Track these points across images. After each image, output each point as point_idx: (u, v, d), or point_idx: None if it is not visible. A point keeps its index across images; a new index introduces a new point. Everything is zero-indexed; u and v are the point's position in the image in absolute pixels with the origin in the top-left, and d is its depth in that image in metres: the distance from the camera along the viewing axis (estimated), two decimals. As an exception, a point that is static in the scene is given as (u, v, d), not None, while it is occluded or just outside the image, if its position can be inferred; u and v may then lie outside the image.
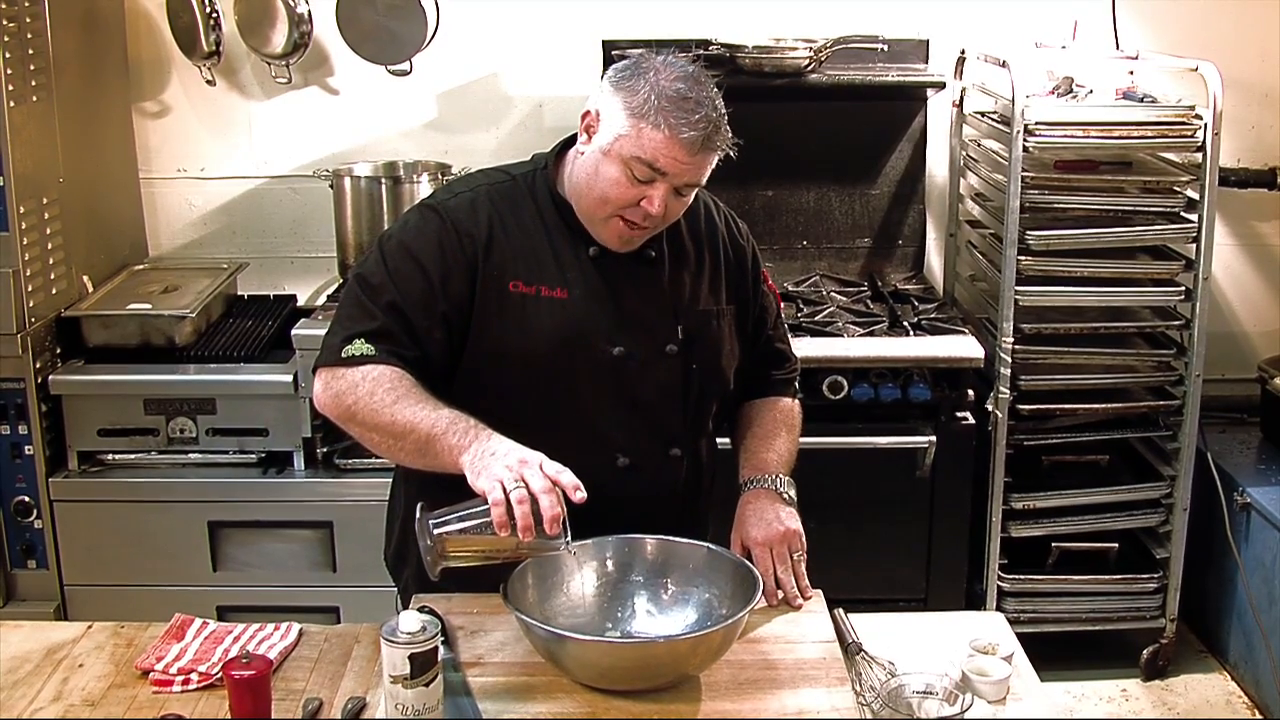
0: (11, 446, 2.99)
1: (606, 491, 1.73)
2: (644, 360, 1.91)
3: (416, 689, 1.53)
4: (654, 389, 1.93)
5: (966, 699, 1.59)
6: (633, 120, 1.78)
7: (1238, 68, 3.43)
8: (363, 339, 1.83)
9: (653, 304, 1.94)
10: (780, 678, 1.70)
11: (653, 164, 1.78)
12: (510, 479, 1.60)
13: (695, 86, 1.80)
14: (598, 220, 1.87)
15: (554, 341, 1.88)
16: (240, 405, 3.05)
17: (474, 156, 3.57)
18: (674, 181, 1.81)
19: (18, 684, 1.73)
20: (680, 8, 3.50)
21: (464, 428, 1.71)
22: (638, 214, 1.83)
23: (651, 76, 1.80)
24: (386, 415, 1.76)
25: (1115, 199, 3.19)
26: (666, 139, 1.77)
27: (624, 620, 1.78)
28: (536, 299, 1.88)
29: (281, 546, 3.07)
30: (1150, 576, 3.29)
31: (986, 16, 3.54)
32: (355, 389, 1.80)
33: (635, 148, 1.78)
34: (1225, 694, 3.33)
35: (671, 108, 1.77)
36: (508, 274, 1.88)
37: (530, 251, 1.90)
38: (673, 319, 1.95)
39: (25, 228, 2.94)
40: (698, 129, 1.77)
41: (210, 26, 3.42)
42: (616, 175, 1.81)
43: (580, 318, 1.89)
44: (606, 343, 1.89)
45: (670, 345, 1.93)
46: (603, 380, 1.90)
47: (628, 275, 1.92)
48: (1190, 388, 3.20)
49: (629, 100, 1.79)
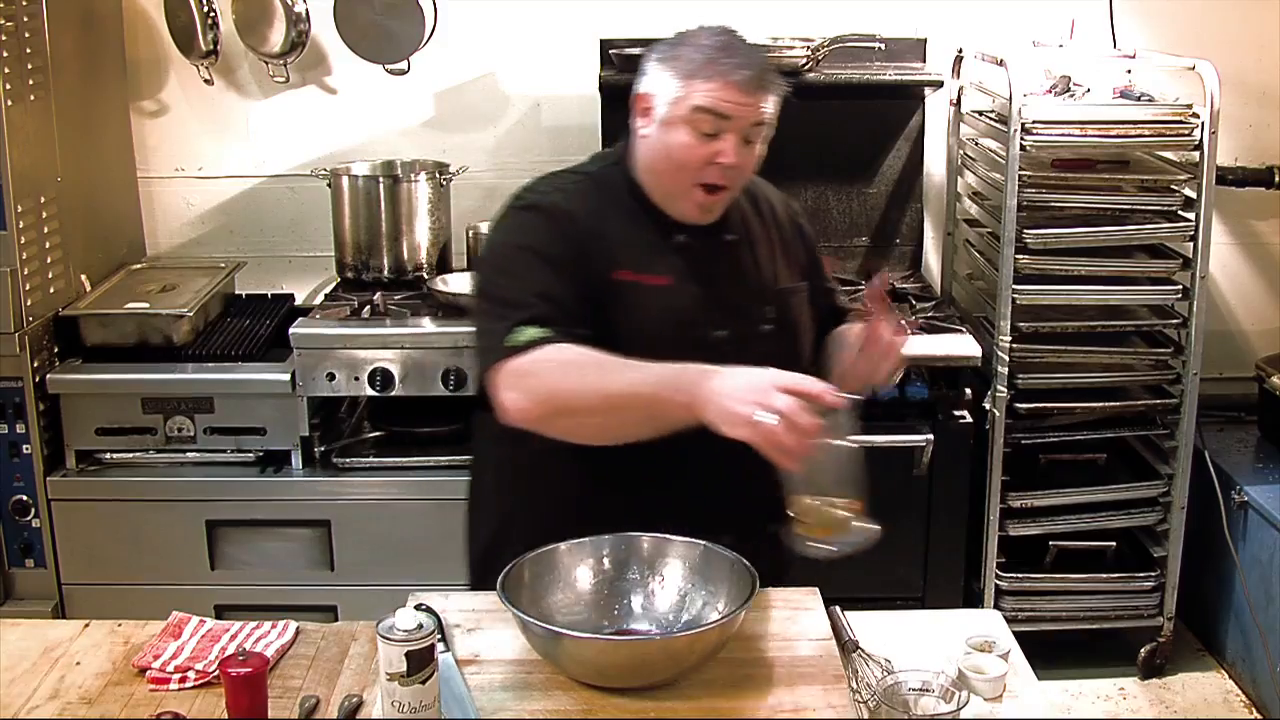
0: (9, 445, 2.99)
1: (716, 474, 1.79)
2: (743, 340, 1.93)
3: (413, 687, 1.53)
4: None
5: (963, 697, 1.60)
6: (684, 81, 1.84)
7: (1235, 66, 3.43)
8: (527, 325, 1.76)
9: (743, 285, 1.97)
10: (777, 675, 1.70)
11: (715, 110, 1.82)
12: (756, 411, 1.57)
13: (734, 38, 1.88)
14: (677, 193, 1.89)
15: (662, 328, 1.89)
16: (238, 404, 3.05)
17: (472, 155, 3.58)
18: (739, 126, 1.84)
19: (15, 682, 1.73)
20: (678, 7, 3.45)
21: (686, 380, 1.65)
22: (714, 173, 1.85)
23: (690, 41, 1.87)
24: (599, 393, 1.71)
25: (1113, 198, 3.19)
26: (721, 84, 1.82)
27: (620, 618, 1.78)
28: (643, 287, 1.89)
29: (279, 545, 3.07)
30: (1148, 575, 3.29)
31: (984, 15, 3.54)
32: (551, 379, 1.73)
33: (694, 102, 1.82)
34: (1223, 692, 3.33)
35: (717, 56, 1.83)
36: (613, 263, 1.89)
37: (628, 241, 1.91)
38: (761, 298, 1.98)
39: (23, 227, 2.94)
40: (749, 68, 1.83)
41: (208, 26, 3.42)
42: (684, 138, 1.84)
43: (684, 303, 1.91)
44: (709, 326, 1.92)
45: (764, 325, 1.96)
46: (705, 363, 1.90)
47: (716, 259, 1.95)
48: (1188, 386, 3.20)
49: (675, 66, 1.85)
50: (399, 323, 3.09)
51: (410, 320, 3.10)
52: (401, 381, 3.02)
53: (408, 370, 3.02)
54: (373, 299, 3.20)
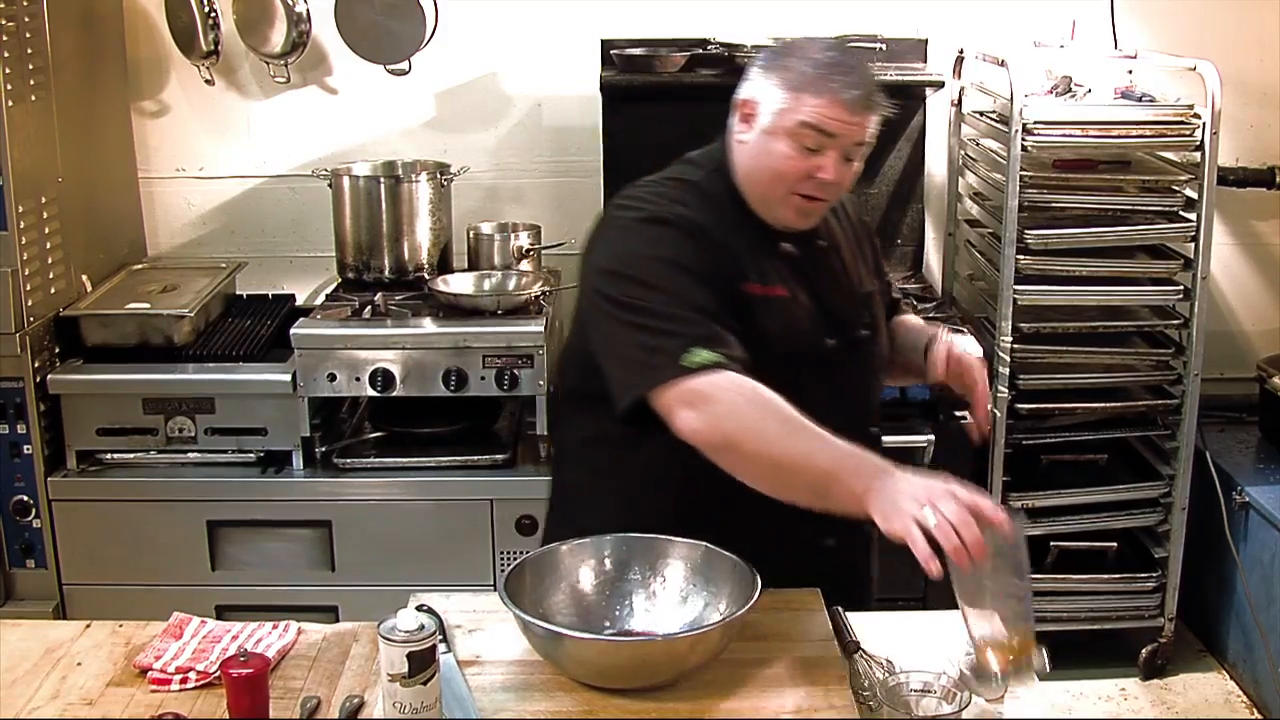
0: (10, 446, 2.99)
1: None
2: (848, 347, 1.94)
3: (414, 687, 1.53)
4: (856, 374, 1.97)
5: (965, 697, 1.59)
6: (793, 93, 1.83)
7: (1236, 67, 3.43)
8: (699, 346, 1.74)
9: (841, 291, 1.98)
10: (778, 676, 1.70)
11: (820, 127, 1.82)
12: (922, 512, 1.56)
13: (844, 54, 1.88)
14: (774, 201, 1.89)
15: (783, 340, 1.88)
16: (239, 404, 3.05)
17: (473, 156, 3.58)
18: (842, 144, 1.84)
19: (16, 683, 1.73)
20: (679, 7, 3.50)
21: (867, 469, 1.65)
22: (813, 186, 1.85)
23: (799, 53, 1.86)
24: (779, 448, 1.69)
25: (1114, 198, 3.19)
26: (829, 101, 1.81)
27: (622, 618, 1.78)
28: (768, 299, 1.89)
29: (280, 545, 3.07)
30: (1149, 576, 3.30)
31: (985, 16, 3.54)
32: (739, 415, 1.70)
33: (801, 116, 1.82)
34: (1224, 693, 3.33)
35: (828, 72, 1.83)
36: (741, 276, 1.88)
37: (749, 253, 1.90)
38: (858, 303, 1.99)
39: (24, 227, 2.94)
40: (858, 87, 1.83)
41: (209, 26, 3.42)
42: (786, 150, 1.84)
43: (800, 314, 1.91)
44: (820, 334, 1.92)
45: (862, 330, 1.97)
46: (818, 372, 1.91)
47: (815, 266, 1.95)
48: (1189, 387, 3.20)
49: (785, 77, 1.84)
50: (400, 323, 3.09)
51: (411, 321, 3.10)
52: (402, 382, 3.02)
53: (409, 371, 3.02)
54: (374, 299, 3.20)
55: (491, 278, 3.30)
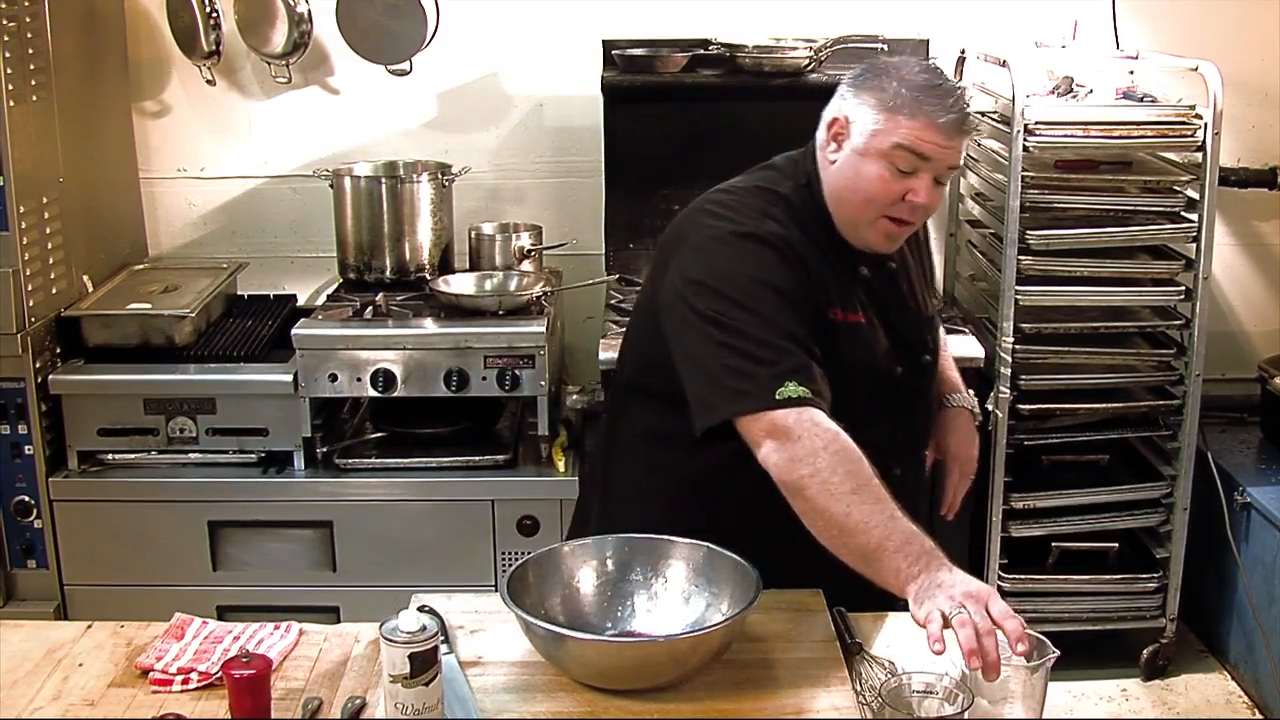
0: (11, 446, 2.99)
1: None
2: (914, 374, 1.94)
3: (416, 688, 1.53)
4: (916, 400, 1.97)
5: (966, 698, 1.59)
6: (887, 115, 1.80)
7: (1238, 67, 3.43)
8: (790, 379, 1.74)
9: (909, 317, 1.97)
10: (780, 677, 1.70)
11: (914, 149, 1.80)
12: (951, 607, 1.57)
13: (938, 76, 1.85)
14: (862, 223, 1.87)
15: (862, 367, 1.87)
16: (240, 405, 3.05)
17: (474, 156, 3.58)
18: (935, 168, 1.82)
19: (17, 683, 1.73)
20: (680, 7, 3.50)
21: (918, 551, 1.65)
22: (904, 209, 1.83)
23: (894, 73, 1.83)
24: (841, 506, 1.69)
25: (1115, 199, 3.19)
26: (925, 124, 1.79)
27: (624, 619, 1.78)
28: (845, 325, 1.87)
29: (281, 546, 3.07)
30: (1150, 576, 3.29)
31: (986, 16, 3.54)
32: (814, 461, 1.71)
33: (895, 139, 1.80)
34: (1225, 693, 3.33)
35: (924, 95, 1.80)
36: (828, 301, 1.86)
37: (832, 276, 1.88)
38: (925, 329, 1.98)
39: (25, 227, 2.94)
40: (954, 111, 1.80)
41: (210, 26, 3.42)
42: (878, 172, 1.82)
43: (875, 341, 1.90)
44: (891, 361, 1.90)
45: (926, 356, 1.96)
46: (883, 399, 1.91)
47: (888, 291, 1.94)
48: (1190, 387, 3.20)
49: (879, 97, 1.82)
50: (401, 323, 3.09)
51: (412, 321, 3.10)
52: (404, 382, 3.02)
53: (410, 371, 3.02)
54: (375, 300, 3.20)
55: (493, 278, 3.30)
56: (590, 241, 3.48)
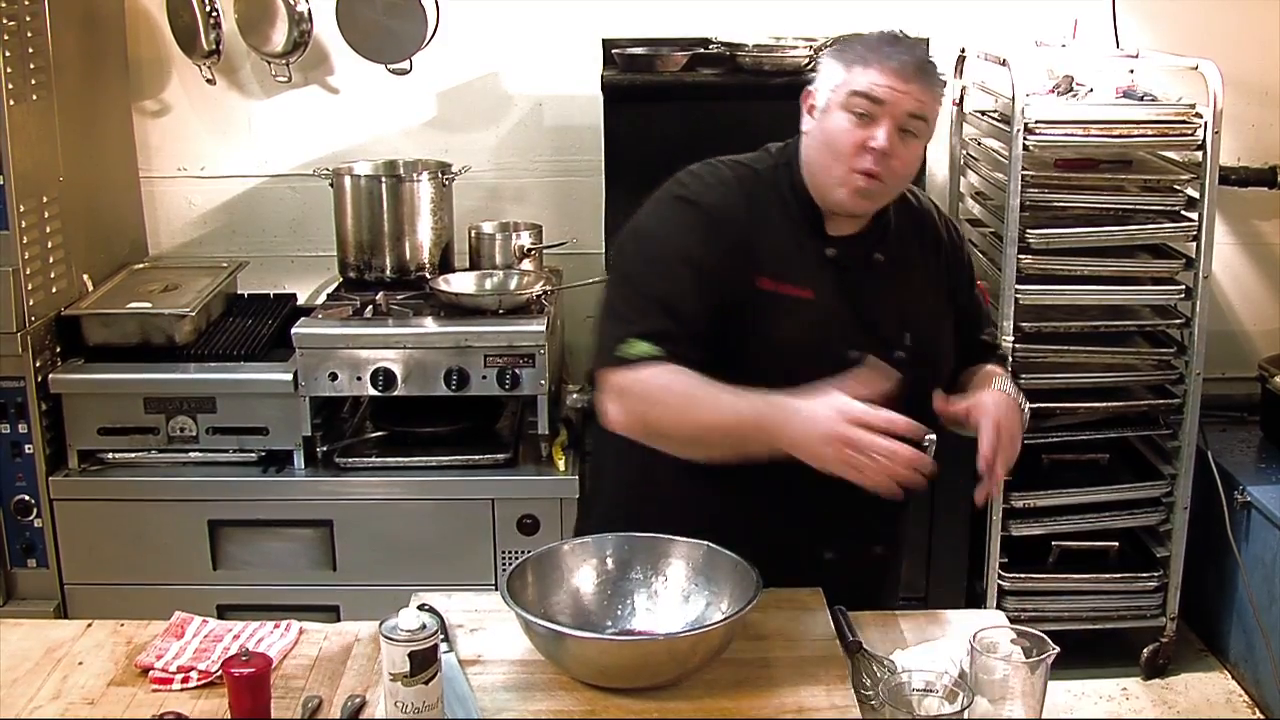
0: (11, 445, 2.99)
1: (829, 491, 1.79)
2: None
3: (416, 687, 1.53)
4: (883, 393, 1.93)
5: (966, 697, 1.59)
6: (845, 68, 1.86)
7: (1238, 66, 3.43)
8: (642, 340, 1.80)
9: (884, 308, 1.94)
10: (780, 676, 1.70)
11: (869, 94, 1.82)
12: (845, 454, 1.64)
13: (900, 34, 1.91)
14: (832, 182, 1.87)
15: (794, 340, 1.87)
16: (240, 404, 3.05)
17: (474, 155, 3.58)
18: (893, 113, 1.83)
19: (17, 682, 1.73)
20: (680, 6, 3.50)
21: (767, 411, 1.71)
22: (869, 159, 1.83)
23: (857, 38, 1.90)
24: (689, 417, 1.77)
25: (1115, 197, 3.19)
26: (878, 69, 1.83)
27: (624, 618, 1.78)
28: (782, 297, 1.87)
29: (281, 545, 3.07)
30: (1150, 575, 3.29)
31: (986, 15, 3.54)
32: (647, 403, 1.79)
33: (851, 87, 1.84)
34: (1225, 693, 3.33)
35: (879, 45, 1.86)
36: (758, 270, 1.87)
37: (778, 248, 1.90)
38: (901, 323, 1.95)
39: (25, 226, 2.94)
40: (907, 55, 1.85)
41: (210, 25, 3.42)
42: (839, 123, 1.84)
43: (822, 320, 1.89)
44: (844, 345, 1.89)
45: (899, 350, 1.93)
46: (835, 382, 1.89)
47: (862, 278, 1.93)
48: (1190, 386, 3.20)
49: (840, 58, 1.88)
50: (401, 323, 3.09)
51: (412, 320, 3.10)
52: (404, 381, 3.02)
53: (410, 370, 3.02)
54: (375, 299, 3.20)
55: (493, 277, 3.30)
56: (590, 241, 3.48)
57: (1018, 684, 1.62)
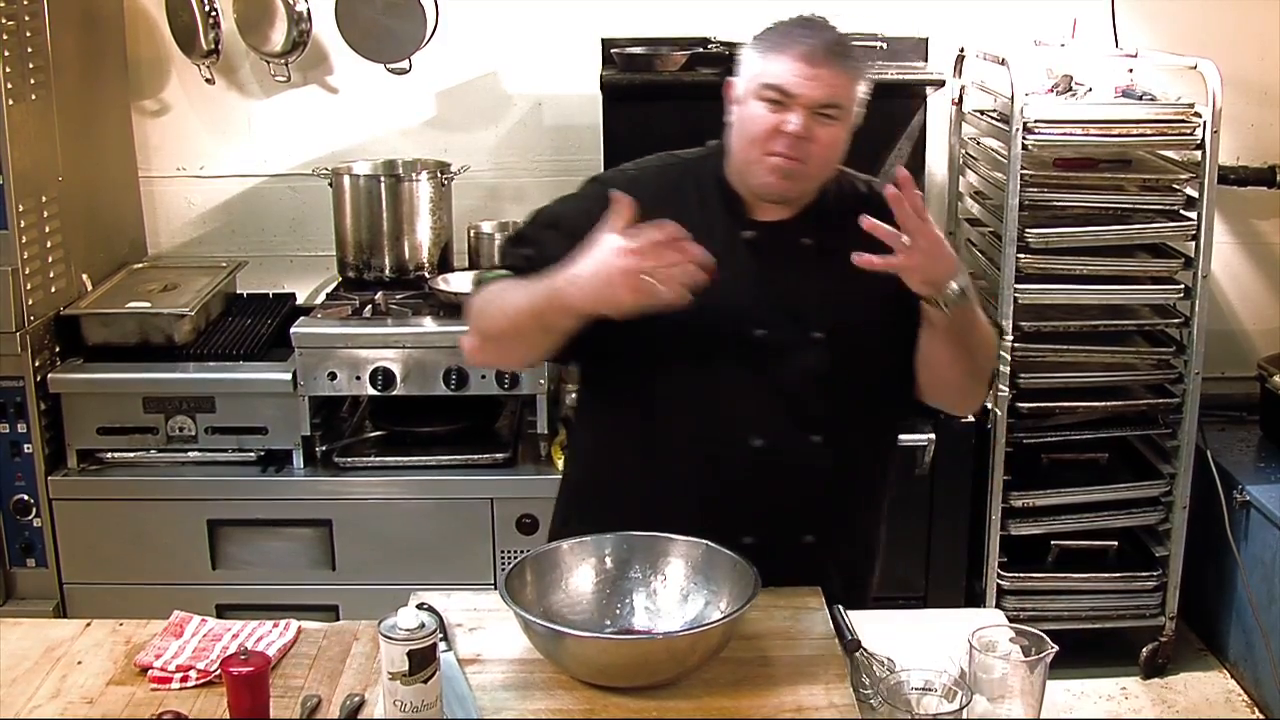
0: (10, 445, 2.99)
1: (739, 472, 1.86)
2: (788, 345, 1.92)
3: (415, 686, 1.53)
4: (797, 374, 1.92)
5: (965, 696, 1.59)
6: (759, 58, 1.88)
7: (1237, 66, 3.43)
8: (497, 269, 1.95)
9: (803, 290, 1.94)
10: (779, 675, 1.70)
11: (779, 85, 1.83)
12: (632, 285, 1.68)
13: (815, 19, 1.91)
14: (752, 167, 1.88)
15: (698, 319, 1.87)
16: (239, 404, 3.05)
17: (473, 155, 3.57)
18: (805, 102, 1.83)
19: (16, 681, 1.73)
20: (680, 6, 3.50)
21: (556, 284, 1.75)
22: (783, 142, 1.84)
23: (776, 26, 1.91)
24: (502, 317, 1.85)
25: (1114, 197, 3.19)
26: (787, 58, 1.84)
27: (623, 617, 1.78)
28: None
29: (280, 544, 3.07)
30: (1150, 574, 3.29)
31: (986, 15, 3.54)
32: (480, 315, 1.89)
33: (764, 79, 1.85)
34: (1225, 692, 3.33)
35: (788, 31, 1.87)
36: None
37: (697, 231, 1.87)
38: (822, 307, 1.94)
39: (24, 226, 2.94)
40: (815, 39, 1.85)
41: (209, 25, 3.42)
42: (753, 111, 1.86)
43: (724, 297, 1.88)
44: (750, 324, 1.90)
45: (816, 332, 1.93)
46: (743, 362, 1.91)
47: (782, 260, 1.94)
48: (1190, 385, 3.20)
49: (757, 46, 1.90)
50: (400, 322, 3.09)
51: (412, 320, 3.10)
52: (403, 381, 3.02)
53: (409, 370, 3.02)
54: (374, 298, 3.20)
55: (492, 277, 3.30)
56: (589, 240, 3.47)
57: (1017, 683, 1.62)
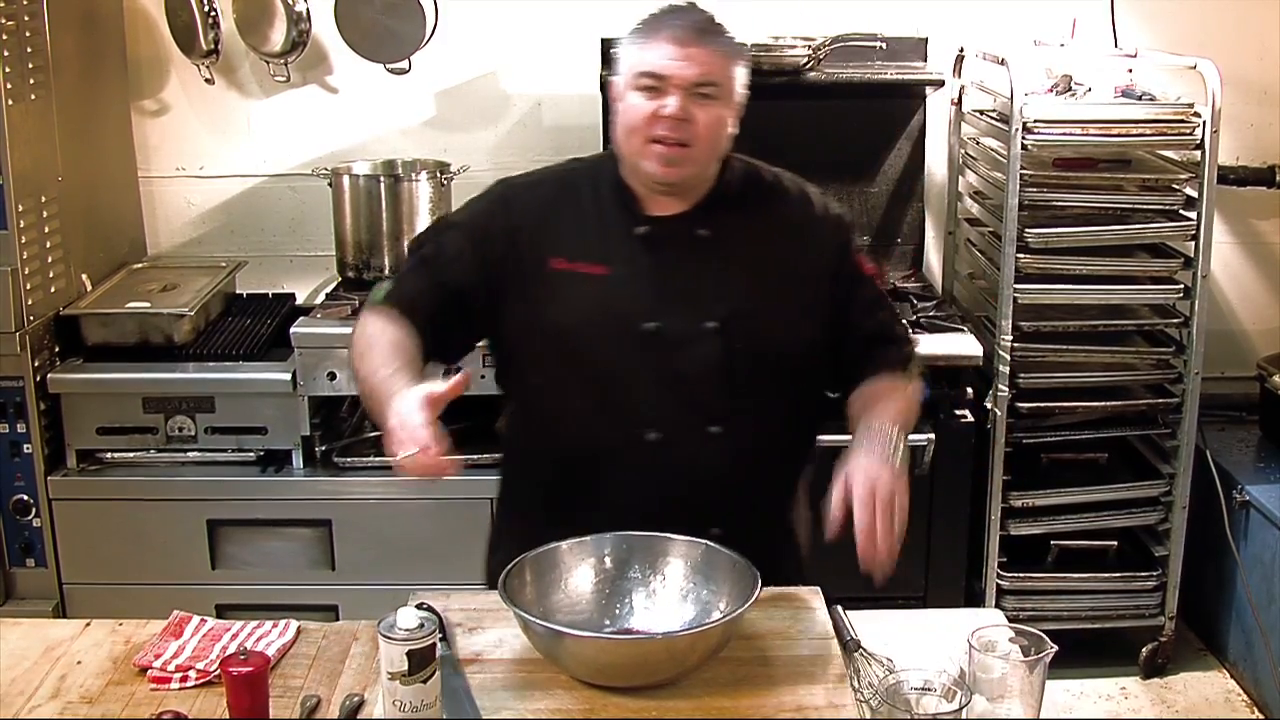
0: (10, 445, 2.99)
1: (638, 466, 1.88)
2: (681, 336, 1.92)
3: (414, 686, 1.53)
4: (691, 365, 1.92)
5: (964, 696, 1.59)
6: (630, 49, 1.89)
7: (1237, 65, 3.43)
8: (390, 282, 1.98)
9: (696, 281, 1.94)
10: (778, 675, 1.70)
11: (652, 72, 1.85)
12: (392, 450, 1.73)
13: (685, 5, 1.92)
14: (638, 156, 1.89)
15: (586, 315, 1.91)
16: (239, 403, 3.05)
17: (473, 155, 3.57)
18: (679, 84, 1.84)
19: (15, 681, 1.73)
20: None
21: (377, 399, 1.80)
22: (663, 126, 1.85)
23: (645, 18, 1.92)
24: (359, 375, 1.89)
25: (1114, 197, 3.19)
26: (656, 43, 1.86)
27: (622, 617, 1.78)
28: (573, 275, 1.92)
29: (280, 544, 3.08)
30: (1149, 574, 3.29)
31: (985, 14, 3.53)
32: (354, 347, 1.92)
33: (635, 66, 1.86)
34: (1224, 692, 3.33)
35: (658, 19, 1.90)
36: (549, 252, 1.93)
37: (576, 231, 1.95)
38: (716, 297, 1.94)
39: (24, 226, 2.94)
40: (680, 21, 1.86)
41: (209, 25, 3.42)
42: (631, 100, 1.87)
43: (616, 293, 1.92)
44: (642, 318, 1.91)
45: (710, 322, 1.92)
46: (637, 355, 1.92)
47: (674, 253, 1.94)
48: (1189, 385, 3.20)
49: (629, 40, 1.90)
50: (400, 322, 3.08)
51: (411, 320, 3.10)
52: (402, 381, 3.01)
53: (409, 370, 3.01)
54: (374, 298, 3.19)
55: (491, 277, 3.30)
56: (589, 240, 3.48)
57: (1016, 683, 1.62)
